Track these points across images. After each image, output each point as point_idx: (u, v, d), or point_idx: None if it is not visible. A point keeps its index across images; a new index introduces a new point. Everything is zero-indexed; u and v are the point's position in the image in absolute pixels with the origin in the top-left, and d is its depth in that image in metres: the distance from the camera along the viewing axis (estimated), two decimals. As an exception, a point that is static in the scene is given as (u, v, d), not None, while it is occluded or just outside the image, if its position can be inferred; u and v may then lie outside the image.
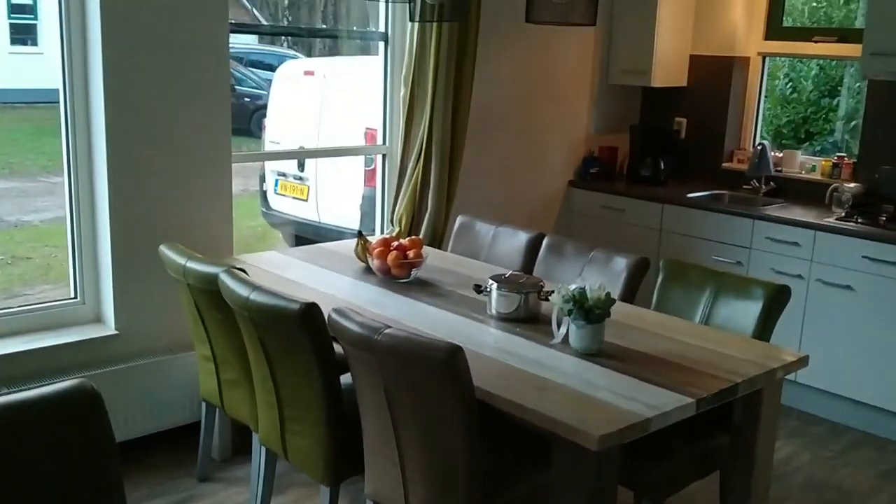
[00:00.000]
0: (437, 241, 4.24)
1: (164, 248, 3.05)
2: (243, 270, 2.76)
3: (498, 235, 3.68)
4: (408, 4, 3.10)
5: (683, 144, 5.13)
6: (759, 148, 4.71)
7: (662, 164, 4.99)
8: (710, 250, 4.46)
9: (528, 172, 4.91)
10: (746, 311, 2.86)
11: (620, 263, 3.21)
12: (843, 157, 4.60)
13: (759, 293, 2.86)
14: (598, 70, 5.12)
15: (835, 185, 4.38)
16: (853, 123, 4.89)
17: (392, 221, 4.33)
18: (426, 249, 3.36)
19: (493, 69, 4.47)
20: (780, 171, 4.77)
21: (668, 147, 5.06)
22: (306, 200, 6.20)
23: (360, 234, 3.44)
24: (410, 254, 3.24)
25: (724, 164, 5.06)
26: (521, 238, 3.58)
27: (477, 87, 4.24)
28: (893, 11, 3.90)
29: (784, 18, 4.90)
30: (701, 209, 4.54)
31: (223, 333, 2.89)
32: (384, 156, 4.45)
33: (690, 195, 4.73)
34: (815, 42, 4.69)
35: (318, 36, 4.50)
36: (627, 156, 5.26)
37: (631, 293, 3.16)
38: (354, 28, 4.59)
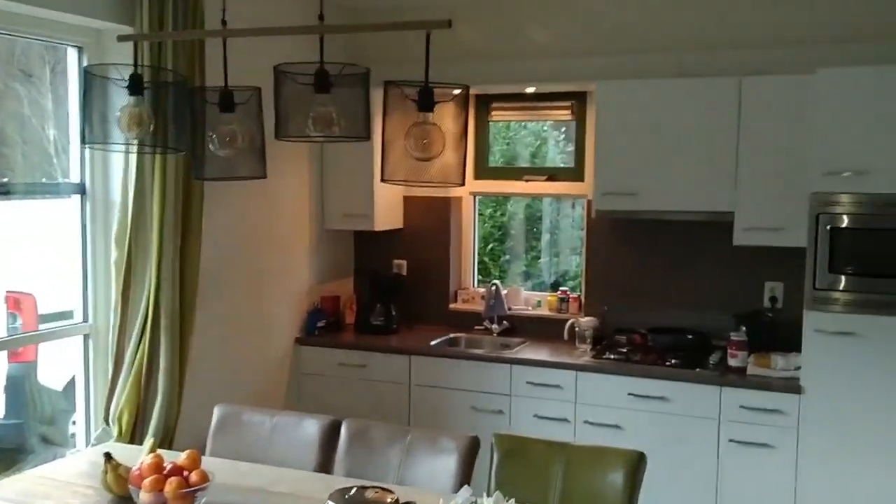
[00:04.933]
0: (168, 439, 3.39)
1: None
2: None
3: (277, 427, 2.99)
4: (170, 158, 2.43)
5: (408, 288, 4.87)
6: (492, 288, 4.63)
7: (394, 311, 4.67)
8: (467, 401, 4.19)
9: (253, 338, 4.24)
10: (606, 485, 2.58)
11: (447, 446, 2.75)
12: (567, 290, 4.70)
13: (617, 463, 2.61)
14: (314, 216, 4.69)
15: (572, 320, 4.42)
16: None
17: (108, 421, 3.37)
18: (207, 462, 2.57)
19: (212, 224, 3.79)
20: (510, 309, 4.72)
21: (394, 292, 4.76)
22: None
23: (108, 457, 2.53)
24: (193, 476, 2.44)
25: (451, 305, 4.89)
26: (310, 428, 2.94)
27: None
28: (614, 157, 4.09)
29: (490, 159, 4.97)
30: (451, 357, 4.28)
31: None
32: (86, 336, 3.50)
33: (434, 342, 4.45)
34: (526, 181, 4.81)
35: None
36: (350, 303, 4.85)
37: (467, 480, 2.71)
38: (43, 179, 3.61)
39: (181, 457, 2.52)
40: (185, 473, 2.45)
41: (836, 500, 3.56)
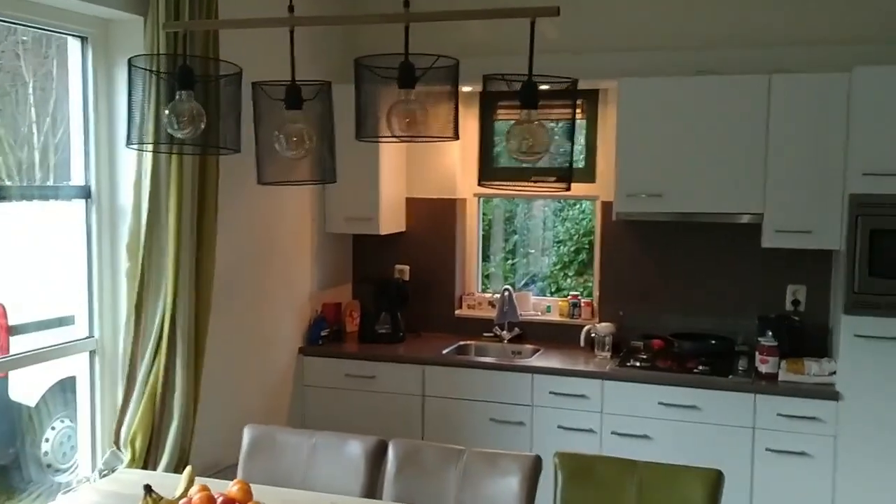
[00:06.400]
0: (183, 462, 3.13)
1: None
2: None
3: (317, 449, 2.76)
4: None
5: (412, 294, 4.66)
6: (505, 294, 4.46)
7: (401, 318, 4.46)
8: (486, 412, 4.01)
9: (257, 349, 3.98)
10: (684, 506, 2.44)
11: (508, 467, 2.57)
12: (578, 295, 4.56)
13: (694, 483, 2.46)
14: (315, 220, 4.45)
15: (588, 326, 4.28)
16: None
17: (119, 445, 3.10)
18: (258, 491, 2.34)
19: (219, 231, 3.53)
20: (521, 315, 4.55)
21: (399, 299, 4.55)
22: None
23: (148, 490, 2.28)
24: (247, 510, 2.22)
25: (457, 312, 4.71)
26: (354, 450, 2.72)
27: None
28: (638, 158, 3.95)
29: (496, 160, 4.79)
30: (468, 367, 4.09)
31: None
32: (92, 353, 3.22)
33: (444, 351, 4.26)
34: (534, 181, 4.63)
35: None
36: (350, 311, 4.62)
37: (531, 502, 2.54)
38: (48, 182, 3.28)
39: (230, 487, 2.30)
40: (238, 507, 2.23)
41: (875, 509, 3.50)
